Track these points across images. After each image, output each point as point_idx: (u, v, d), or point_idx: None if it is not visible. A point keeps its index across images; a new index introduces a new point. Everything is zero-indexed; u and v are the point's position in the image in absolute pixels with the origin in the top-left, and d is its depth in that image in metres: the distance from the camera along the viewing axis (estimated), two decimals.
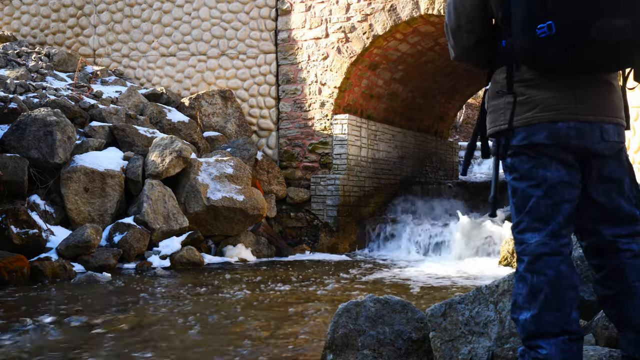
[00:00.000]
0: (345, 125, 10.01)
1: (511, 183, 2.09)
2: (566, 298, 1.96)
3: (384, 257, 9.11)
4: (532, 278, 1.98)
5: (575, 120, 1.99)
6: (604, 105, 2.03)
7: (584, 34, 1.88)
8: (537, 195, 2.02)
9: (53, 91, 9.13)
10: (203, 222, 8.39)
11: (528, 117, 2.02)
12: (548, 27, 1.90)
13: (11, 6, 11.55)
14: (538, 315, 1.95)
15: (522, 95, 2.04)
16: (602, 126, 2.01)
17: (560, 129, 1.99)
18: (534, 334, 1.95)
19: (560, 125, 1.99)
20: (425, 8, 9.29)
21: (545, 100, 2.01)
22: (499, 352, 2.38)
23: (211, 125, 10.31)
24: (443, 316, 2.51)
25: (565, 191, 2.02)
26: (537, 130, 2.01)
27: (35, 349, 3.68)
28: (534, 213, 2.02)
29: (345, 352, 2.71)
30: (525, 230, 2.04)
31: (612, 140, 2.03)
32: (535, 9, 1.92)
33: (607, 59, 1.94)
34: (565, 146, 2.01)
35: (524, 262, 2.01)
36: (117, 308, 4.96)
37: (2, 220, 6.52)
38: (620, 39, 1.89)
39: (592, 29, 1.87)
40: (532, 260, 1.99)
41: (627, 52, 1.94)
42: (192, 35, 10.92)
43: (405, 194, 11.26)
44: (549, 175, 2.01)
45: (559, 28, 1.89)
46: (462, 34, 2.16)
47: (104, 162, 8.08)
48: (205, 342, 3.85)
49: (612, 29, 1.87)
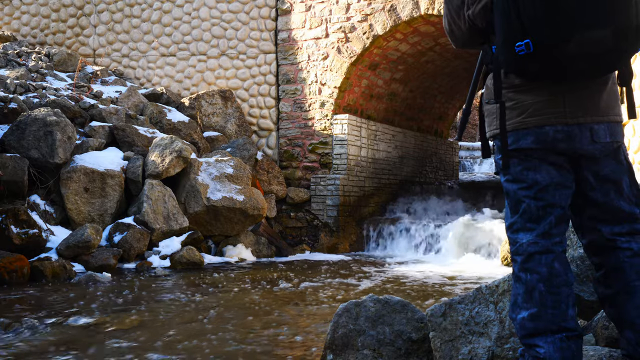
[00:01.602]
0: (345, 125, 10.01)
1: (505, 185, 2.12)
2: (562, 295, 1.96)
3: (384, 257, 9.11)
4: (526, 277, 2.00)
5: (564, 124, 2.00)
6: (594, 105, 2.02)
7: (562, 49, 1.89)
8: (528, 197, 2.04)
9: (53, 91, 9.14)
10: (203, 222, 8.39)
11: (517, 122, 2.04)
12: (526, 46, 1.90)
13: (11, 6, 11.55)
14: (535, 313, 1.96)
15: (511, 101, 2.06)
16: (591, 127, 2.01)
17: (547, 133, 2.00)
18: (531, 333, 1.96)
19: (547, 129, 2.00)
20: (425, 8, 9.29)
21: (534, 105, 2.02)
22: (499, 352, 2.38)
23: (211, 125, 10.32)
24: (443, 316, 2.51)
25: (556, 192, 2.03)
26: (524, 135, 2.02)
27: (35, 348, 3.68)
28: (526, 214, 2.04)
29: (345, 352, 2.71)
30: (518, 231, 2.06)
31: (603, 141, 2.02)
32: (513, 28, 1.93)
33: (591, 69, 1.94)
34: (553, 149, 2.01)
35: (518, 262, 2.04)
36: (117, 308, 4.96)
37: (2, 220, 6.51)
38: (601, 49, 1.88)
39: (571, 44, 1.87)
40: (524, 259, 2.01)
41: (610, 60, 1.93)
42: (192, 35, 10.92)
43: (405, 194, 11.26)
44: (539, 178, 2.03)
45: (536, 46, 1.90)
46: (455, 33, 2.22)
47: (104, 162, 8.08)
48: (205, 342, 3.85)
49: (591, 41, 1.87)
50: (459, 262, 8.32)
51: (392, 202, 11.13)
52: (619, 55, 1.93)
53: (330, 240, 9.76)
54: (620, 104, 2.11)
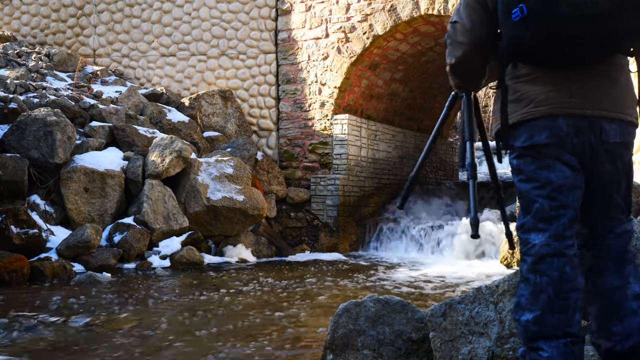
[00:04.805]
0: (345, 125, 10.01)
1: (517, 185, 2.08)
2: (570, 300, 1.93)
3: (384, 257, 9.11)
4: (535, 279, 1.95)
5: (571, 115, 1.97)
6: (602, 100, 1.97)
7: (553, 10, 1.86)
8: (542, 197, 2.00)
9: (53, 91, 9.13)
10: (203, 222, 8.39)
11: (523, 112, 2.01)
12: (520, 10, 1.90)
13: (11, 6, 11.55)
14: (540, 316, 1.92)
15: (517, 92, 2.03)
16: (601, 125, 1.97)
17: (560, 127, 1.97)
18: (535, 336, 1.93)
19: (559, 123, 1.97)
20: (425, 8, 9.29)
21: (540, 95, 1.99)
22: (499, 352, 2.38)
23: (211, 125, 10.31)
24: (443, 316, 2.51)
25: (570, 192, 2.00)
26: (538, 131, 1.99)
27: (35, 349, 3.68)
28: (539, 214, 2.00)
29: (345, 352, 2.71)
30: (530, 231, 2.01)
31: (612, 142, 2.00)
32: None
33: (584, 37, 1.88)
34: (566, 146, 1.98)
35: (528, 263, 1.99)
36: (117, 308, 4.96)
37: (2, 220, 6.51)
38: (592, 12, 1.84)
39: (562, 3, 1.85)
40: (535, 261, 1.97)
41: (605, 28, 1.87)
42: (192, 35, 10.92)
43: None
44: (553, 177, 1.99)
45: (529, 9, 1.88)
46: None
47: (104, 162, 8.07)
48: (205, 342, 3.85)
49: (583, 1, 1.83)
50: (459, 262, 8.32)
51: (392, 202, 11.13)
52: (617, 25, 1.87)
53: (330, 240, 9.75)
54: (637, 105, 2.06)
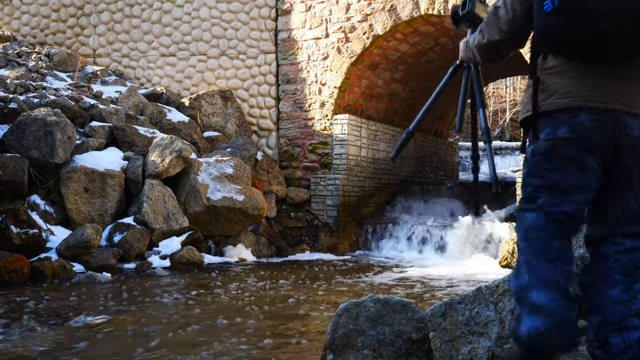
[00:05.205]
0: (345, 125, 10.01)
1: (524, 177, 2.12)
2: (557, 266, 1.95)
3: (384, 257, 9.11)
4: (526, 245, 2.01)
5: (594, 109, 1.98)
6: (627, 96, 1.99)
7: (581, 3, 1.89)
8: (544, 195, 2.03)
9: (53, 91, 9.13)
10: (203, 222, 8.39)
11: (547, 103, 2.05)
12: (551, 1, 1.93)
13: (11, 6, 11.55)
14: (532, 270, 1.95)
15: (544, 84, 2.07)
16: (626, 120, 1.98)
17: (581, 123, 1.98)
18: (527, 285, 1.95)
19: (582, 118, 1.98)
20: (425, 8, 9.29)
21: (565, 87, 2.03)
22: (499, 352, 2.38)
23: (211, 125, 10.31)
24: (443, 316, 2.51)
25: (573, 196, 2.01)
26: (560, 125, 2.01)
27: (35, 349, 3.68)
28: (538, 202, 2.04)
29: (345, 352, 2.71)
30: (525, 210, 2.07)
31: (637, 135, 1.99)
32: None
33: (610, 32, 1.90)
34: (587, 142, 1.99)
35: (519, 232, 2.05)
36: (117, 308, 4.96)
37: (2, 220, 6.51)
38: (619, 8, 1.86)
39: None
40: (527, 228, 2.03)
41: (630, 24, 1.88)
42: (192, 35, 10.92)
43: (405, 194, 11.26)
44: (561, 178, 2.01)
45: (560, 1, 1.92)
46: None
47: (104, 162, 8.07)
48: (205, 342, 3.85)
49: None
50: (459, 262, 8.32)
51: (392, 202, 11.13)
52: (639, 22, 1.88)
53: (330, 240, 9.76)
54: None
